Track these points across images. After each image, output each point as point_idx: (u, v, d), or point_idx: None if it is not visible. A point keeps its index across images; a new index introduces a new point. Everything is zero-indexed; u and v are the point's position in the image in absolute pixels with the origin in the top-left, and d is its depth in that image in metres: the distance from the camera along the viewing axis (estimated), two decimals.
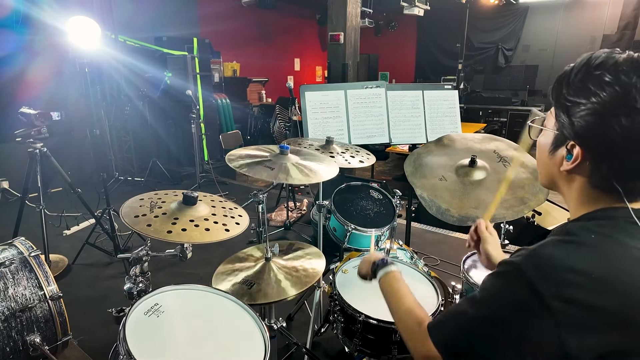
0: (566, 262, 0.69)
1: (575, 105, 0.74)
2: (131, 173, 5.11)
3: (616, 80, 0.69)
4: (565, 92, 0.76)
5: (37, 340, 1.46)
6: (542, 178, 0.89)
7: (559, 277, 0.68)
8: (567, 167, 0.78)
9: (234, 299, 1.28)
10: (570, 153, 0.77)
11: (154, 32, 5.68)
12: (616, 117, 0.69)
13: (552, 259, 0.70)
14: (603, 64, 0.72)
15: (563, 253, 0.71)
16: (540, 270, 0.69)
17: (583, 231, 0.74)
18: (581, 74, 0.74)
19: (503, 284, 0.74)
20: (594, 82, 0.71)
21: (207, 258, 2.85)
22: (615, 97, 0.69)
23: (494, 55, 9.56)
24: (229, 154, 1.62)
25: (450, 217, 1.49)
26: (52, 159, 2.76)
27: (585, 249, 0.71)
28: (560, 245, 0.73)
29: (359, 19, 5.55)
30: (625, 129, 0.68)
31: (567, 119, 0.75)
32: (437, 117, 2.69)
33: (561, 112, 0.77)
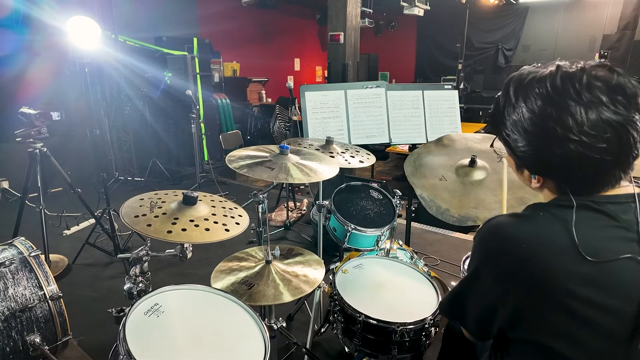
0: (510, 230, 0.79)
1: (514, 141, 0.81)
2: (131, 173, 5.11)
3: (532, 113, 0.75)
4: (502, 127, 0.82)
5: (37, 340, 1.46)
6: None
7: (501, 242, 0.80)
8: (535, 186, 0.85)
9: (234, 299, 1.28)
10: (533, 174, 0.84)
11: (154, 32, 5.68)
12: (549, 149, 0.75)
13: (500, 227, 0.81)
14: (520, 89, 0.78)
15: (511, 223, 0.81)
16: (491, 238, 0.83)
17: (533, 209, 0.82)
18: (507, 104, 0.80)
19: (472, 251, 0.88)
20: (517, 114, 0.78)
21: (207, 258, 2.85)
22: (537, 132, 0.75)
23: (494, 55, 9.56)
24: (229, 155, 1.62)
25: (450, 217, 1.49)
26: (52, 159, 2.76)
27: (530, 222, 0.79)
28: (502, 217, 0.84)
29: (359, 19, 5.55)
30: (562, 156, 0.73)
31: (512, 152, 0.84)
32: (437, 117, 2.69)
33: (505, 145, 0.85)
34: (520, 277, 0.77)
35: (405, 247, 2.14)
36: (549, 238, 0.75)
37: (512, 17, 9.22)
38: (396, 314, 1.40)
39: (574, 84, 0.71)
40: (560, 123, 0.71)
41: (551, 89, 0.72)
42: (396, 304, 1.48)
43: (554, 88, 0.72)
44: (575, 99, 0.70)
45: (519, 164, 0.86)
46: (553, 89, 0.72)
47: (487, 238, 0.84)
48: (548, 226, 0.77)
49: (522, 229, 0.78)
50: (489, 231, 0.83)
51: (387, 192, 2.18)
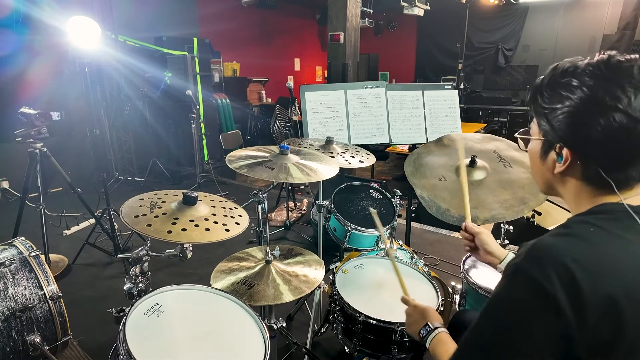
0: (562, 251, 0.70)
1: (552, 111, 0.79)
2: (131, 173, 5.11)
3: (582, 84, 0.74)
4: (541, 101, 0.81)
5: (37, 340, 1.46)
6: (540, 186, 0.93)
7: (558, 267, 0.68)
8: (560, 169, 0.81)
9: (234, 299, 1.28)
10: (560, 155, 0.80)
11: (154, 32, 5.67)
12: (593, 117, 0.73)
13: (550, 249, 0.71)
14: (567, 71, 0.78)
15: (560, 243, 0.72)
16: (540, 262, 0.70)
17: (581, 224, 0.75)
18: (551, 82, 0.80)
19: (507, 287, 0.74)
20: (564, 88, 0.77)
21: (207, 258, 2.85)
22: (586, 99, 0.74)
23: (494, 55, 9.56)
24: (229, 155, 1.62)
25: (450, 217, 1.49)
26: (52, 159, 2.76)
27: (581, 240, 0.72)
28: (558, 237, 0.74)
29: (359, 19, 5.55)
30: (604, 126, 0.72)
31: (548, 124, 0.80)
32: (437, 117, 2.69)
33: (541, 119, 0.82)
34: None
35: (405, 247, 2.14)
36: (613, 257, 0.70)
37: (512, 17, 9.22)
38: (396, 314, 1.40)
39: (627, 67, 0.73)
40: (611, 94, 0.71)
41: (605, 67, 0.74)
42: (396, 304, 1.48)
43: (608, 67, 0.74)
44: (628, 79, 0.72)
45: (548, 142, 0.82)
46: (607, 68, 0.74)
47: (537, 262, 0.71)
48: (609, 244, 0.71)
49: (577, 249, 0.70)
50: (539, 253, 0.72)
51: (387, 192, 2.19)
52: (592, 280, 0.66)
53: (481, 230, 1.26)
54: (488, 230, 1.26)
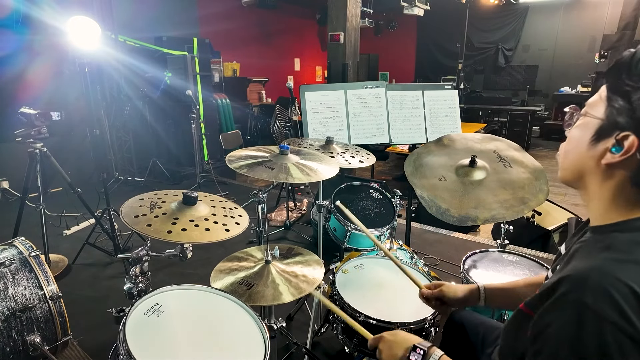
0: (630, 280, 0.61)
1: (634, 90, 0.68)
2: (131, 173, 5.11)
3: None
4: (626, 77, 0.70)
5: (37, 340, 1.46)
6: (568, 173, 0.81)
7: (631, 300, 0.59)
8: (613, 160, 0.70)
9: (234, 299, 1.28)
10: (619, 145, 0.69)
11: (154, 32, 5.67)
12: None
13: (616, 279, 0.61)
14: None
15: (624, 271, 0.62)
16: (611, 297, 0.60)
17: (632, 246, 0.66)
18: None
19: (582, 336, 0.61)
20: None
21: (207, 258, 2.85)
22: None
23: (494, 55, 9.57)
24: (229, 155, 1.62)
25: (450, 217, 1.49)
26: (52, 159, 2.76)
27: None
28: (618, 266, 0.63)
29: (359, 19, 5.55)
30: None
31: (627, 104, 0.69)
32: (437, 117, 2.69)
33: (619, 97, 0.70)
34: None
35: (405, 247, 2.15)
36: None
37: (512, 17, 9.23)
38: (396, 314, 1.40)
39: None
40: None
41: None
42: (396, 304, 1.48)
43: None
44: None
45: (608, 129, 0.72)
46: None
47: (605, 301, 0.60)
48: None
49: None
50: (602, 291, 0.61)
51: (387, 192, 2.19)
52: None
53: (439, 284, 1.26)
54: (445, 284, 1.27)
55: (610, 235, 0.70)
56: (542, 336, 0.66)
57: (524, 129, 7.52)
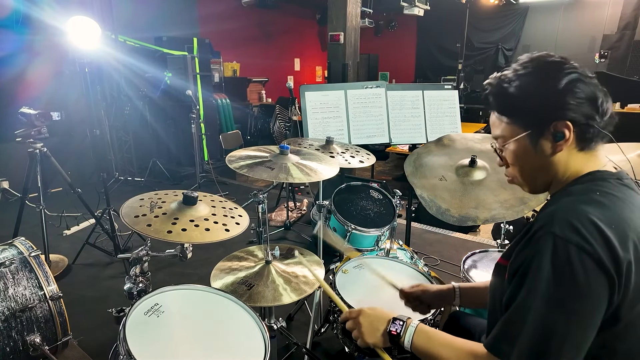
0: (591, 214, 0.74)
1: (515, 98, 0.87)
2: (131, 173, 5.11)
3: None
4: (501, 98, 0.90)
5: (37, 340, 1.46)
6: (539, 183, 0.92)
7: (593, 230, 0.72)
8: (567, 145, 0.83)
9: (234, 299, 1.28)
10: (558, 131, 0.82)
11: (154, 32, 5.67)
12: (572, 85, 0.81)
13: (579, 214, 0.74)
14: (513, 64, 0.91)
15: (585, 207, 0.76)
16: (575, 227, 0.73)
17: (586, 190, 0.81)
18: (512, 70, 0.91)
19: (553, 260, 0.73)
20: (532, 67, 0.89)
21: (207, 258, 2.85)
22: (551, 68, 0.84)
23: (494, 55, 9.56)
24: (229, 155, 1.62)
25: (450, 217, 1.49)
26: (52, 159, 2.76)
27: (596, 203, 0.77)
28: (578, 203, 0.78)
29: (359, 19, 5.55)
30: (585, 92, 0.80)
31: (523, 107, 0.86)
32: (437, 117, 2.69)
33: (509, 111, 0.89)
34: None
35: (405, 247, 2.14)
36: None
37: (512, 17, 9.22)
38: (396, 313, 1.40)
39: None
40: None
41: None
42: (396, 304, 1.48)
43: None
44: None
45: (537, 131, 0.86)
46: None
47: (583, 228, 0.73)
48: (616, 204, 0.78)
49: (598, 211, 0.76)
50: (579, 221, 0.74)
51: (387, 192, 2.18)
52: (618, 235, 0.72)
53: (417, 284, 1.29)
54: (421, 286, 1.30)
55: (567, 189, 0.85)
56: (521, 270, 0.77)
57: None
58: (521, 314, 0.75)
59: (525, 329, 0.74)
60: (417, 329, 0.93)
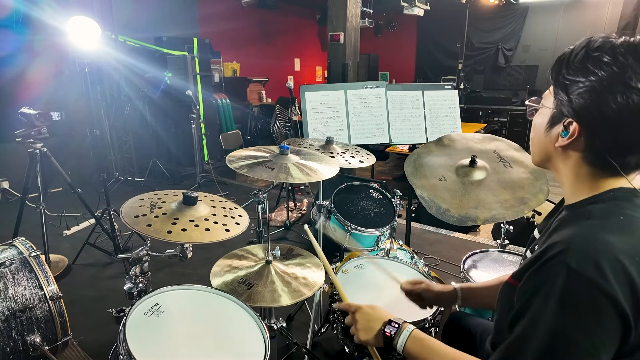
0: (613, 246, 0.69)
1: (574, 84, 0.77)
2: (131, 173, 5.11)
3: (614, 61, 0.73)
4: (565, 72, 0.79)
5: (37, 340, 1.46)
6: (536, 156, 0.92)
7: (613, 264, 0.67)
8: (563, 143, 0.81)
9: (234, 299, 1.28)
10: (566, 130, 0.80)
11: (154, 32, 5.68)
12: (612, 95, 0.72)
13: (599, 244, 0.69)
14: (601, 46, 0.75)
15: (606, 237, 0.70)
16: (594, 260, 0.67)
17: (609, 214, 0.75)
18: (581, 55, 0.77)
19: (562, 293, 0.68)
20: (593, 62, 0.75)
21: (207, 258, 2.84)
22: (612, 76, 0.72)
23: (494, 55, 9.56)
24: (229, 155, 1.62)
25: (450, 217, 1.49)
26: (52, 159, 2.76)
27: (620, 231, 0.72)
28: (599, 230, 0.72)
29: (359, 19, 5.55)
30: (620, 105, 0.72)
31: (566, 96, 0.78)
32: (437, 117, 2.69)
33: (560, 90, 0.80)
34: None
35: (405, 247, 2.14)
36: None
37: (512, 17, 9.22)
38: (396, 313, 1.40)
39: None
40: (638, 75, 0.71)
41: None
42: (396, 304, 1.48)
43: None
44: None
45: (559, 113, 0.81)
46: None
47: (593, 265, 0.67)
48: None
49: (622, 241, 0.70)
50: (589, 255, 0.68)
51: (387, 192, 2.18)
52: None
53: (419, 281, 1.30)
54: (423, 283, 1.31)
55: (587, 209, 0.79)
56: (528, 296, 0.73)
57: (524, 129, 7.52)
58: (522, 343, 0.71)
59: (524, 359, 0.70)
60: (411, 335, 0.93)
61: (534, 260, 0.74)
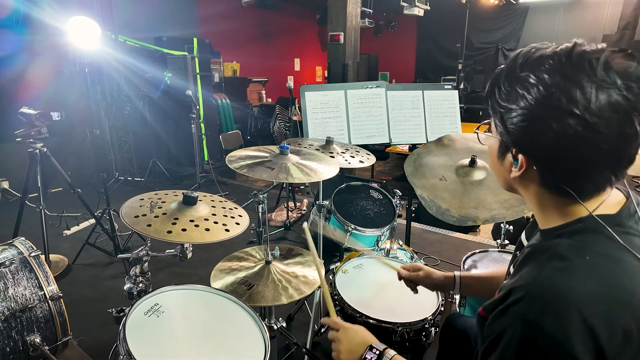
0: (573, 296, 0.62)
1: (508, 111, 0.69)
2: (131, 173, 5.11)
3: (539, 81, 0.65)
4: (498, 97, 0.71)
5: (37, 340, 1.46)
6: (501, 183, 0.85)
7: (573, 317, 0.61)
8: (516, 174, 0.74)
9: (234, 299, 1.28)
10: (515, 159, 0.73)
11: (154, 32, 5.68)
12: (545, 122, 0.65)
13: (559, 294, 0.63)
14: (527, 64, 0.68)
15: (568, 285, 0.64)
16: (552, 312, 0.62)
17: (574, 253, 0.67)
18: (509, 76, 0.70)
19: (519, 347, 0.64)
20: (520, 84, 0.68)
21: (207, 258, 2.85)
22: (540, 100, 0.65)
23: (494, 55, 9.56)
24: (229, 155, 1.62)
25: (450, 217, 1.49)
26: (52, 159, 2.76)
27: (584, 275, 0.65)
28: (561, 276, 0.65)
29: (359, 19, 5.55)
30: (557, 132, 0.64)
31: (502, 126, 0.71)
32: (437, 117, 2.69)
33: (496, 119, 0.73)
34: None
35: (405, 247, 2.15)
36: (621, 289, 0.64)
37: (512, 17, 9.22)
38: (396, 314, 1.40)
39: (591, 61, 0.65)
40: (568, 95, 0.63)
41: (566, 60, 0.66)
42: (396, 304, 1.48)
43: (570, 60, 0.66)
44: (589, 75, 0.63)
45: (505, 143, 0.74)
46: (568, 62, 0.66)
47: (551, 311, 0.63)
48: (610, 273, 0.65)
49: (586, 289, 0.63)
50: (546, 301, 0.63)
51: (387, 192, 2.18)
52: (607, 322, 0.61)
53: (417, 267, 1.30)
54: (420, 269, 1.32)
55: (553, 243, 0.71)
56: (491, 339, 0.69)
57: None
58: None
59: None
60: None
61: (499, 301, 0.70)
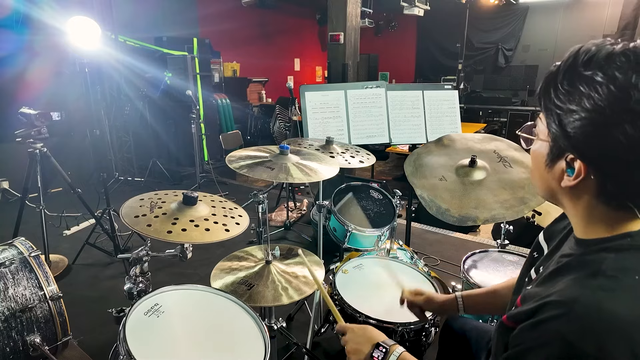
0: (623, 320, 0.56)
1: (568, 113, 0.61)
2: (131, 173, 5.11)
3: (611, 80, 0.57)
4: (554, 97, 0.64)
5: (37, 340, 1.46)
6: (541, 191, 0.76)
7: (620, 342, 0.56)
8: (570, 184, 0.65)
9: (234, 299, 1.28)
10: (571, 167, 0.65)
11: (154, 32, 5.68)
12: (618, 126, 0.57)
13: (608, 320, 0.57)
14: (594, 61, 0.60)
15: (616, 308, 0.57)
16: (599, 337, 0.56)
17: (621, 271, 0.61)
18: (569, 74, 0.62)
19: (557, 357, 0.58)
20: (585, 83, 0.60)
21: (207, 258, 2.85)
22: (613, 102, 0.57)
23: (494, 55, 9.57)
24: (229, 155, 1.62)
25: (450, 217, 1.49)
26: (52, 159, 2.76)
27: (635, 296, 0.59)
28: (604, 298, 0.58)
29: (359, 19, 5.55)
30: (631, 139, 0.56)
31: (560, 129, 0.63)
32: (437, 117, 2.69)
33: (552, 121, 0.65)
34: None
35: (405, 247, 2.15)
36: None
37: (512, 17, 9.23)
38: (396, 314, 1.40)
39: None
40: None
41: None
42: (396, 304, 1.48)
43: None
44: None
45: (559, 148, 0.65)
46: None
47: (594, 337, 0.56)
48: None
49: (633, 308, 0.57)
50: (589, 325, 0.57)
51: (387, 192, 2.18)
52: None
53: (420, 291, 1.27)
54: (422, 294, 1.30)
55: (597, 257, 0.64)
56: (517, 350, 0.64)
57: None
58: None
59: None
60: (399, 358, 0.90)
61: (531, 313, 0.64)
